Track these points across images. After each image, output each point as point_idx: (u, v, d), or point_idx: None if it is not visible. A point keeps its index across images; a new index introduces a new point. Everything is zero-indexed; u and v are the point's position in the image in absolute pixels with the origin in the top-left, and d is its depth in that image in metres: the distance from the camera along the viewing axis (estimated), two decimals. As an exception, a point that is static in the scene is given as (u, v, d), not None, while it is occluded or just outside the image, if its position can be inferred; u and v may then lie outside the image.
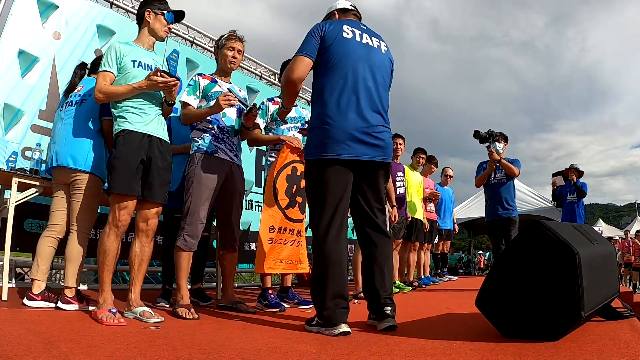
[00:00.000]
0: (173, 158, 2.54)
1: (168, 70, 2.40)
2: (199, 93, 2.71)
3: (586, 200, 5.85)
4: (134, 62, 2.39)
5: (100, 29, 4.15)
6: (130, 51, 2.41)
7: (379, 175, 2.19)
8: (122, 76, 2.36)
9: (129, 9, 4.63)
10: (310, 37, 2.15)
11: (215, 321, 2.38)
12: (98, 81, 2.33)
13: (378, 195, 2.21)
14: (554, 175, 6.16)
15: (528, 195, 12.20)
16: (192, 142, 2.74)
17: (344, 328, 1.92)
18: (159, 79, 2.29)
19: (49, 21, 3.77)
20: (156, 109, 2.45)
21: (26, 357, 1.38)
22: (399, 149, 4.61)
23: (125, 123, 2.32)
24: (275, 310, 2.82)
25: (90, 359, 1.42)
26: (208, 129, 2.70)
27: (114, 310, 2.14)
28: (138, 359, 1.43)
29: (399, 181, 4.50)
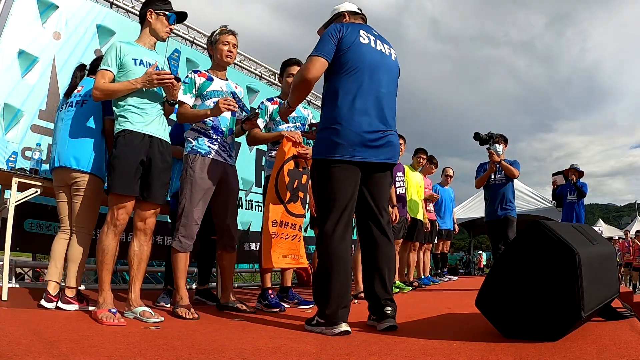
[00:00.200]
0: (179, 161, 2.53)
1: (169, 70, 2.40)
2: (194, 91, 2.70)
3: (586, 200, 5.86)
4: (135, 60, 2.39)
5: (100, 29, 4.15)
6: (132, 50, 2.42)
7: (386, 176, 2.25)
8: (124, 74, 2.36)
9: (129, 9, 4.63)
10: (328, 38, 2.15)
11: (215, 321, 2.38)
12: (96, 79, 2.34)
13: (384, 195, 2.26)
14: (555, 174, 6.16)
15: (528, 195, 12.20)
16: (185, 142, 2.72)
17: (344, 327, 1.93)
18: (154, 74, 2.29)
19: (49, 21, 3.76)
20: (158, 108, 2.45)
21: (26, 357, 1.38)
22: (400, 149, 4.62)
23: (126, 123, 2.32)
24: (275, 310, 2.82)
25: (90, 359, 1.42)
26: (202, 129, 2.68)
27: (113, 310, 2.14)
28: (138, 359, 1.43)
29: (399, 181, 4.51)
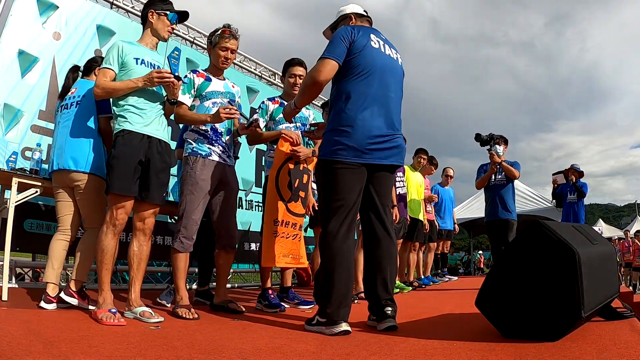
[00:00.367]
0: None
1: (170, 69, 2.40)
2: (193, 91, 2.70)
3: (586, 200, 5.85)
4: (136, 59, 2.40)
5: (100, 29, 4.15)
6: (133, 49, 2.42)
7: (390, 177, 2.30)
8: (125, 73, 2.36)
9: (129, 9, 4.63)
10: (340, 41, 2.16)
11: (215, 321, 2.38)
12: (98, 77, 2.34)
13: (389, 194, 2.30)
14: (555, 174, 6.17)
15: (528, 195, 12.20)
16: (185, 143, 2.72)
17: (345, 327, 1.93)
18: (154, 72, 2.29)
19: (49, 21, 3.76)
20: (158, 108, 2.45)
21: (26, 357, 1.39)
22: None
23: (125, 123, 2.32)
24: (275, 310, 2.82)
25: (90, 359, 1.42)
26: (202, 130, 2.68)
27: (113, 310, 2.14)
28: (138, 359, 1.43)
29: (399, 181, 4.51)
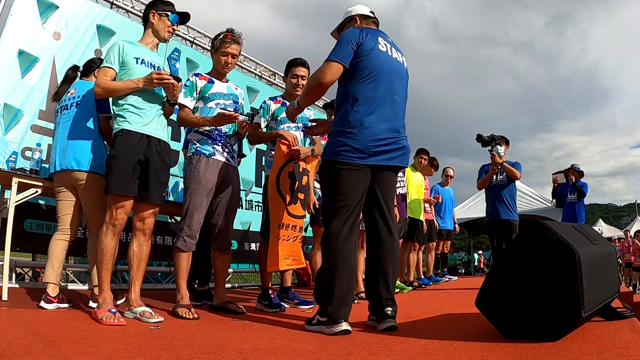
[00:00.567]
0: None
1: (170, 70, 2.41)
2: (195, 94, 2.71)
3: (586, 200, 5.85)
4: (137, 59, 2.40)
5: (100, 29, 4.15)
6: (134, 49, 2.42)
7: (395, 178, 2.32)
8: (125, 72, 2.37)
9: (129, 9, 4.63)
10: (347, 43, 2.16)
11: (215, 321, 2.38)
12: (98, 76, 2.34)
13: (392, 194, 2.31)
14: (555, 174, 6.17)
15: (528, 195, 12.19)
16: (189, 143, 2.75)
17: (345, 326, 1.94)
18: (154, 74, 2.30)
19: (49, 21, 3.76)
20: (157, 108, 2.45)
21: (26, 357, 1.39)
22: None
23: (124, 122, 2.32)
24: (275, 310, 2.82)
25: (90, 359, 1.42)
26: (205, 131, 2.70)
27: (113, 310, 2.14)
28: (138, 359, 1.43)
29: (399, 181, 4.51)
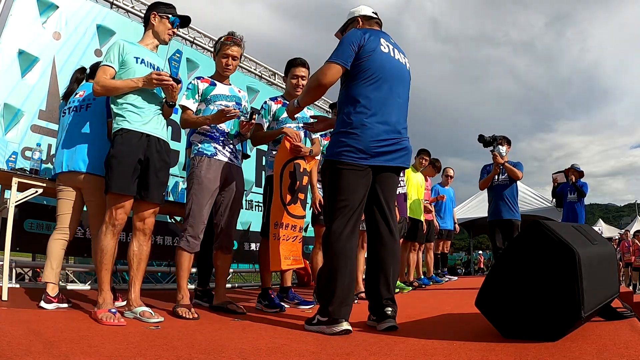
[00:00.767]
0: None
1: (170, 71, 2.41)
2: (197, 97, 2.73)
3: (586, 200, 5.85)
4: (136, 58, 2.41)
5: (100, 29, 4.15)
6: (134, 49, 2.43)
7: (397, 179, 2.33)
8: (124, 71, 2.37)
9: (129, 9, 4.63)
10: (348, 45, 2.17)
11: (216, 321, 2.38)
12: (98, 74, 2.34)
13: (394, 195, 2.32)
14: (555, 173, 6.17)
15: (528, 195, 12.20)
16: (192, 145, 2.76)
17: (346, 326, 1.94)
18: (154, 74, 2.31)
19: (49, 21, 3.76)
20: (156, 108, 2.45)
21: (26, 357, 1.39)
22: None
23: (123, 122, 2.32)
24: (275, 310, 2.82)
25: (90, 359, 1.42)
26: (207, 132, 2.71)
27: (113, 310, 2.14)
28: (138, 359, 1.43)
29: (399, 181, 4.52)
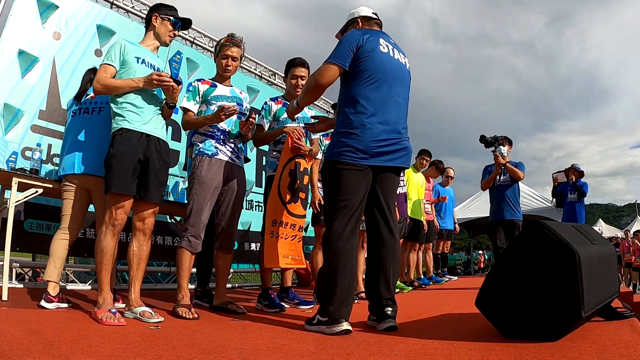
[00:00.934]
0: None
1: (170, 72, 2.42)
2: (198, 98, 2.74)
3: (586, 200, 5.85)
4: (137, 58, 2.41)
5: (100, 29, 4.15)
6: (134, 49, 2.44)
7: (397, 179, 2.32)
8: (125, 71, 2.37)
9: (129, 9, 4.63)
10: (346, 46, 2.18)
11: (215, 321, 2.38)
12: (99, 73, 2.35)
13: (394, 195, 2.31)
14: (555, 173, 6.17)
15: (528, 195, 12.20)
16: (193, 145, 2.76)
17: (346, 326, 1.94)
18: (154, 75, 2.32)
19: (49, 21, 3.76)
20: (155, 108, 2.45)
21: (26, 357, 1.39)
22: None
23: (123, 121, 2.32)
24: (275, 310, 2.82)
25: (90, 359, 1.42)
26: (209, 132, 2.72)
27: (113, 310, 2.14)
28: (138, 359, 1.43)
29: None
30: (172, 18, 2.54)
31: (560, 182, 6.05)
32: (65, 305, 2.51)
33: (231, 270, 4.93)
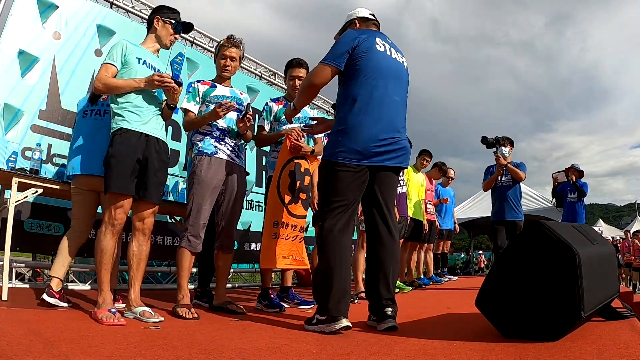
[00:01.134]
0: None
1: (171, 74, 2.42)
2: (198, 99, 2.75)
3: (586, 200, 5.86)
4: (139, 59, 2.42)
5: (100, 29, 4.15)
6: (136, 50, 2.44)
7: (396, 179, 2.30)
8: (126, 71, 2.38)
9: (129, 9, 4.63)
10: (341, 46, 2.18)
11: (215, 321, 2.38)
12: (100, 72, 2.35)
13: (393, 196, 2.29)
14: (556, 173, 6.18)
15: (528, 195, 12.19)
16: (193, 145, 2.76)
17: (345, 322, 1.94)
18: (155, 75, 2.32)
19: (49, 21, 3.76)
20: (155, 109, 2.45)
21: (26, 357, 1.38)
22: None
23: (123, 121, 2.32)
24: (275, 310, 2.82)
25: (90, 359, 1.42)
26: (208, 131, 2.72)
27: (113, 310, 2.14)
28: (138, 359, 1.43)
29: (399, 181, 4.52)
30: (173, 21, 2.55)
31: (560, 182, 6.05)
32: (65, 305, 2.51)
33: (231, 270, 4.93)
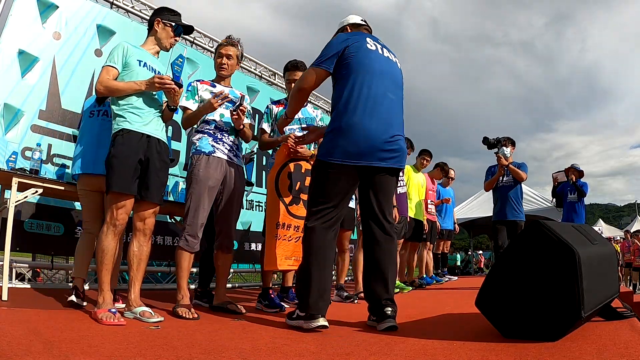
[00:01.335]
0: None
1: (172, 75, 2.43)
2: (197, 97, 2.75)
3: (586, 200, 5.86)
4: (139, 61, 2.42)
5: (100, 29, 4.15)
6: (136, 52, 2.45)
7: (392, 180, 2.26)
8: (127, 73, 2.38)
9: (129, 9, 4.63)
10: (330, 49, 2.20)
11: (215, 321, 2.38)
12: (101, 74, 2.35)
13: (389, 199, 2.27)
14: (556, 173, 6.19)
15: (528, 195, 12.18)
16: (191, 145, 2.76)
17: (322, 322, 1.96)
18: (156, 77, 2.33)
19: (49, 21, 3.76)
20: (156, 110, 2.46)
21: (26, 357, 1.39)
22: (407, 154, 4.69)
23: (124, 122, 2.32)
24: (275, 310, 2.82)
25: (90, 359, 1.42)
26: (206, 129, 2.71)
27: (113, 310, 2.14)
28: (138, 359, 1.43)
29: (399, 181, 4.52)
30: (173, 24, 2.55)
31: (560, 182, 6.06)
32: (85, 304, 2.57)
33: (231, 270, 4.94)
